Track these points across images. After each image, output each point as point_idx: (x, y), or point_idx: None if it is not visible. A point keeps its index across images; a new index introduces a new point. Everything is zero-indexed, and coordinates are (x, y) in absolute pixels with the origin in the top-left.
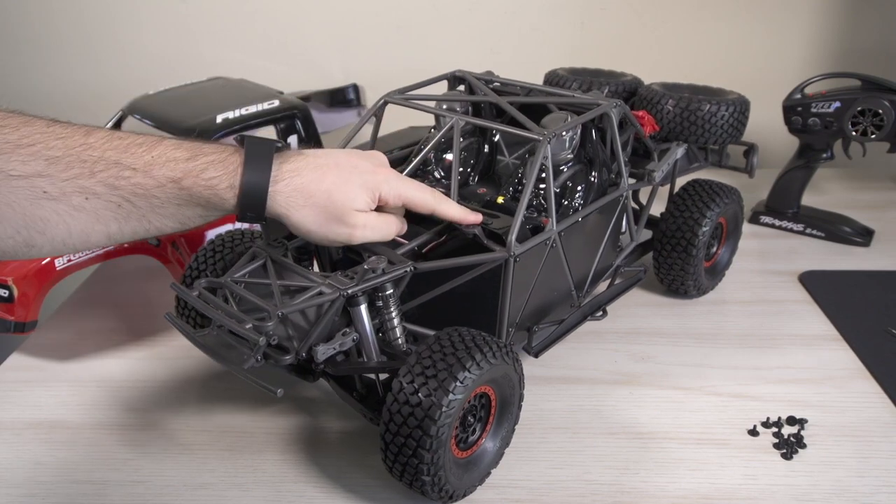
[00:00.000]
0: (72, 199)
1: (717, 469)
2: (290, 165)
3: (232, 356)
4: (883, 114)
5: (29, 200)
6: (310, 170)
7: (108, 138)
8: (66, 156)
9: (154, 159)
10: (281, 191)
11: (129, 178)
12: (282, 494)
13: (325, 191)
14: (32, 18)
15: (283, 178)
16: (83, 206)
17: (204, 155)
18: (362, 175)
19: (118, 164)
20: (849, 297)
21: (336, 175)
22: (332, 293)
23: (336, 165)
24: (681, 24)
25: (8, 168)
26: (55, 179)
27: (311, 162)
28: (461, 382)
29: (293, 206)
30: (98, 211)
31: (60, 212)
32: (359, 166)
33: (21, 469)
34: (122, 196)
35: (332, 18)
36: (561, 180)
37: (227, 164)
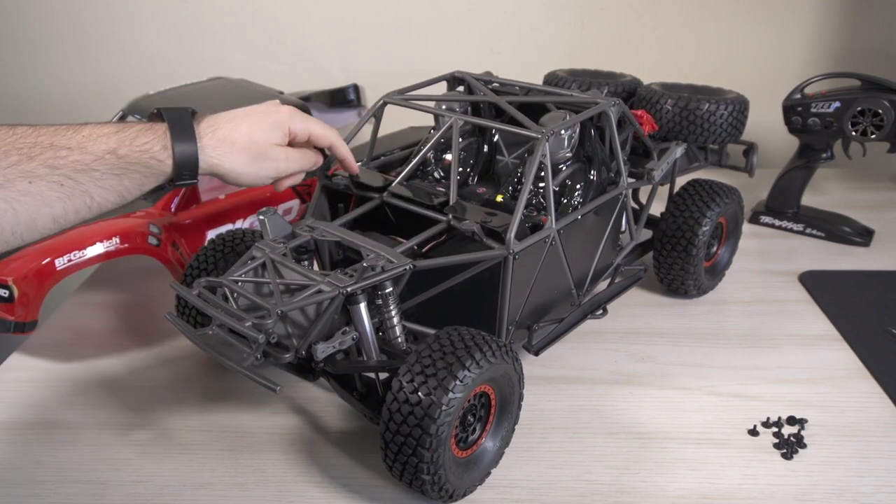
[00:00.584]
0: (16, 184)
1: (717, 469)
2: (207, 122)
3: (232, 354)
4: (883, 114)
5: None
6: (225, 122)
7: (34, 129)
8: (1, 146)
9: (85, 137)
10: (207, 144)
11: (66, 156)
12: (282, 494)
13: (245, 134)
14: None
15: (205, 133)
16: (29, 191)
17: (130, 127)
18: (270, 115)
19: (52, 146)
20: (849, 297)
21: (249, 120)
22: (332, 291)
23: (245, 114)
24: (681, 24)
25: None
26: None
27: (223, 116)
28: (461, 381)
29: (222, 155)
30: (43, 193)
31: (7, 198)
32: (266, 110)
33: (21, 469)
34: (63, 174)
35: (332, 18)
36: (560, 179)
37: (155, 130)
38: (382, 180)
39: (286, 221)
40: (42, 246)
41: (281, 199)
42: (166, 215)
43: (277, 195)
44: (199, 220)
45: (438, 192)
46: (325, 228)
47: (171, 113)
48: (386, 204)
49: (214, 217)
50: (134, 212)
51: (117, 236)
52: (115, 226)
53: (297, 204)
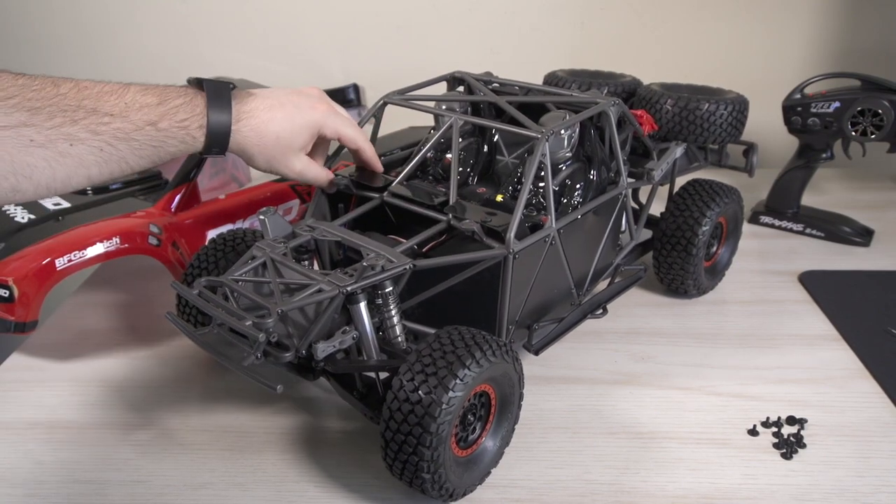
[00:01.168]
0: (58, 145)
1: (717, 469)
2: (246, 107)
3: (232, 354)
4: (882, 114)
5: (17, 149)
6: (262, 111)
7: (77, 88)
8: (45, 106)
9: (128, 105)
10: (240, 130)
11: (108, 123)
12: (282, 494)
13: (275, 132)
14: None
15: (241, 118)
16: (69, 152)
17: (172, 99)
18: (306, 115)
19: (96, 111)
20: (849, 297)
21: (283, 116)
22: (332, 290)
23: (281, 105)
24: (681, 24)
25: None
26: (41, 128)
27: (262, 103)
28: (461, 380)
29: (248, 144)
30: (82, 156)
31: (48, 158)
32: (300, 105)
33: (22, 469)
34: (104, 140)
35: (332, 18)
36: (560, 178)
37: (195, 107)
38: (382, 180)
39: (286, 221)
40: (42, 246)
41: (281, 199)
42: (166, 215)
43: (277, 195)
44: (199, 220)
45: (438, 192)
46: (325, 228)
47: (212, 87)
48: (386, 204)
49: (214, 217)
50: (134, 212)
51: (117, 236)
52: (115, 226)
53: (297, 204)
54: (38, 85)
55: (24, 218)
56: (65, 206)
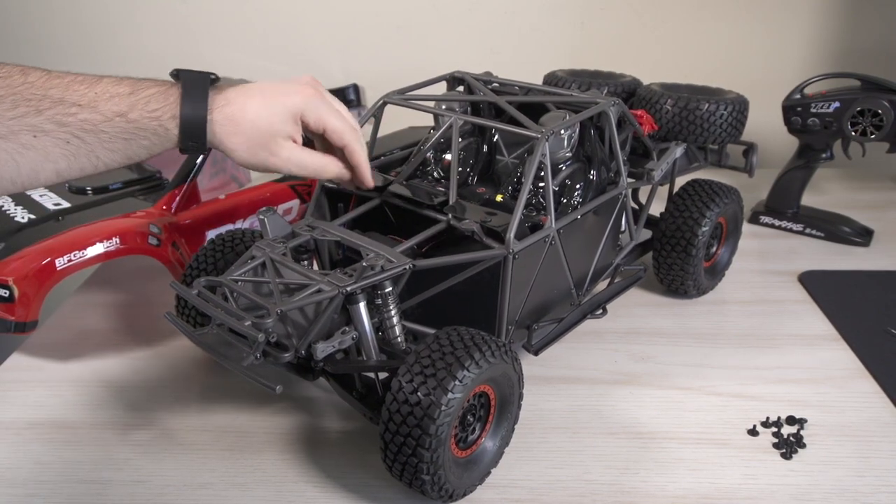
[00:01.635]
0: (20, 136)
1: (717, 469)
2: (222, 95)
3: (231, 354)
4: (882, 114)
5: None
6: (237, 98)
7: (47, 77)
8: (8, 94)
9: (98, 95)
10: (215, 119)
11: (75, 114)
12: (282, 494)
13: (251, 119)
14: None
15: (216, 107)
16: (32, 144)
17: (145, 88)
18: (286, 99)
19: (63, 101)
20: (849, 297)
21: (260, 102)
22: (331, 291)
23: (261, 91)
24: (681, 24)
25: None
26: (1, 118)
27: (240, 91)
28: (460, 381)
29: (225, 134)
30: (47, 148)
31: (9, 150)
32: (285, 91)
33: (22, 469)
34: (70, 132)
35: (332, 18)
36: (559, 178)
37: (168, 96)
38: (382, 180)
39: (286, 221)
40: (42, 246)
41: (281, 198)
42: (166, 215)
43: (277, 195)
44: (199, 220)
45: (438, 192)
46: (324, 228)
47: (189, 78)
48: (385, 203)
49: (214, 217)
50: (134, 212)
51: (117, 236)
52: (115, 226)
53: (296, 204)
54: (4, 72)
55: (24, 218)
56: (65, 206)
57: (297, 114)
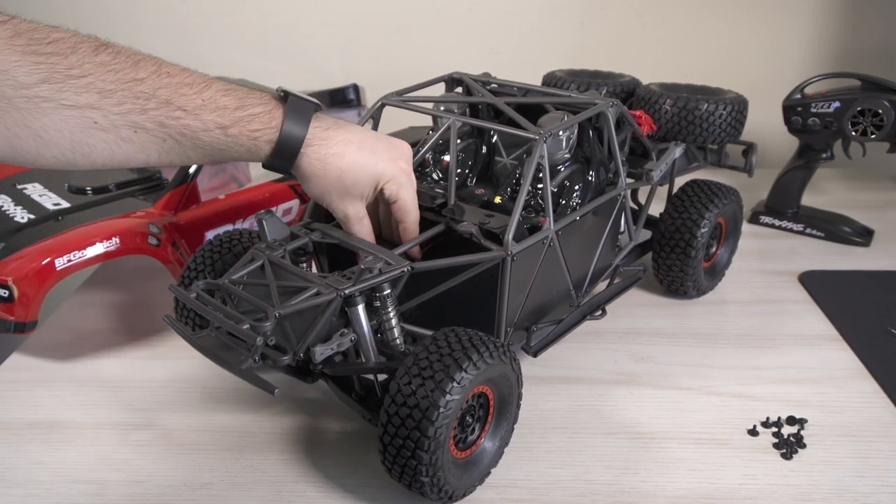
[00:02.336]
0: (121, 131)
1: (717, 469)
2: (323, 133)
3: (229, 357)
4: (883, 114)
5: (79, 128)
6: (336, 143)
7: (157, 73)
8: (118, 90)
9: (204, 103)
10: (307, 154)
11: (178, 118)
12: (282, 494)
13: (339, 169)
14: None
15: (313, 143)
16: (131, 139)
17: (251, 106)
18: (379, 164)
19: (169, 103)
20: (849, 297)
21: (355, 157)
22: (330, 293)
23: (360, 146)
24: (681, 24)
25: (60, 97)
26: (107, 112)
27: (340, 135)
28: (458, 383)
29: (311, 172)
30: (144, 144)
31: (108, 141)
32: (381, 153)
33: (21, 469)
34: (168, 134)
35: (332, 18)
36: (558, 180)
37: (271, 119)
38: None
39: (284, 223)
40: (42, 246)
41: (280, 199)
42: (166, 215)
43: (277, 196)
44: (199, 220)
45: (436, 194)
46: (323, 230)
47: (296, 105)
48: None
49: (214, 217)
50: (134, 212)
51: (117, 236)
52: (115, 226)
53: (296, 204)
54: (117, 64)
55: (24, 218)
56: (65, 206)
57: (381, 182)
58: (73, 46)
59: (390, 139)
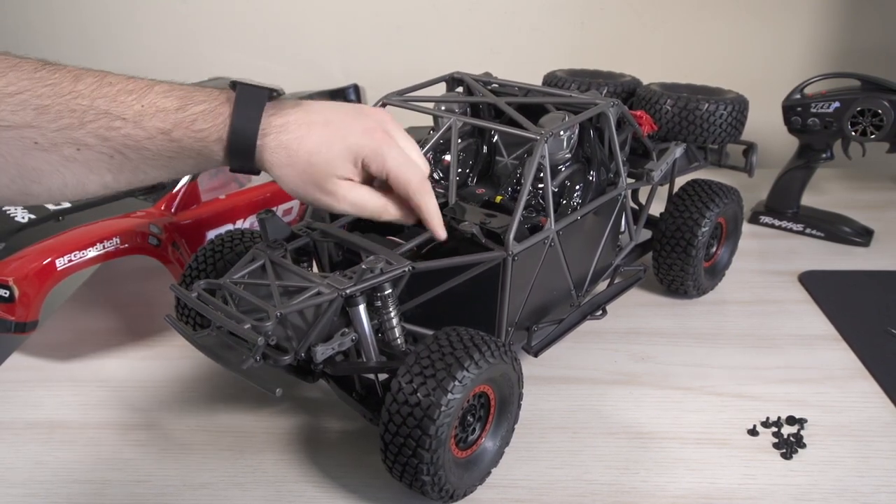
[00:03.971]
0: (63, 150)
1: (717, 469)
2: (279, 119)
3: (230, 357)
4: (882, 114)
5: (20, 151)
6: (297, 125)
7: (98, 84)
8: (54, 104)
9: (144, 109)
10: (267, 145)
11: (119, 128)
12: (282, 494)
13: (306, 152)
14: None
15: (270, 132)
16: (75, 157)
17: (194, 104)
18: (349, 137)
19: (108, 113)
20: (849, 297)
21: (320, 135)
22: (331, 293)
23: (325, 124)
24: (681, 24)
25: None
26: (45, 130)
27: (301, 117)
28: (459, 382)
29: (276, 163)
30: (90, 162)
31: (53, 162)
32: (351, 126)
33: (21, 469)
34: (113, 147)
35: (332, 18)
36: (559, 180)
37: (217, 116)
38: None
39: (285, 223)
40: (42, 246)
41: (281, 199)
42: (166, 215)
43: (278, 195)
44: (199, 220)
45: (437, 194)
46: (324, 230)
47: (244, 95)
48: None
49: (214, 217)
50: (134, 212)
51: (117, 236)
52: (115, 226)
53: (296, 204)
54: (55, 79)
55: (24, 218)
56: (65, 206)
57: (359, 157)
58: (14, 65)
59: (361, 107)
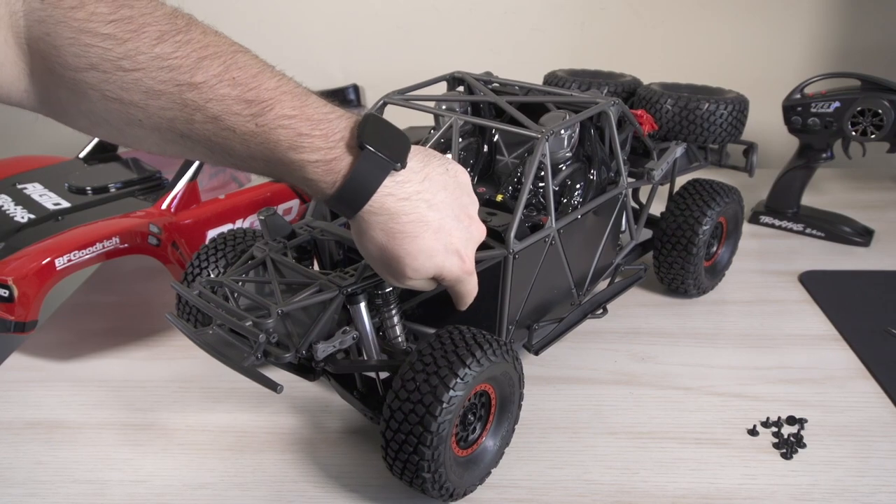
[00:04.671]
0: (166, 134)
1: (717, 469)
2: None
3: (232, 354)
4: (883, 114)
5: (125, 122)
6: (409, 218)
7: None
8: (166, 92)
9: (258, 128)
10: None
11: (226, 138)
12: (282, 494)
13: (404, 252)
14: None
15: (380, 211)
16: (176, 141)
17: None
18: (447, 260)
19: (217, 120)
20: (849, 297)
21: (424, 246)
22: (332, 291)
23: (436, 231)
24: (681, 24)
25: (104, 88)
26: (151, 114)
27: (417, 208)
28: (461, 379)
29: (368, 235)
30: (192, 148)
31: (154, 138)
32: (452, 236)
33: (21, 469)
34: (215, 146)
35: (332, 18)
36: (560, 178)
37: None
38: None
39: (286, 221)
40: (42, 246)
41: (281, 198)
42: (166, 215)
43: (278, 195)
44: (199, 220)
45: None
46: (325, 228)
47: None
48: None
49: (214, 217)
50: (134, 212)
51: (117, 236)
52: (115, 226)
53: (297, 203)
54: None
55: (24, 218)
56: (65, 206)
57: (441, 277)
58: (138, 29)
59: (462, 200)
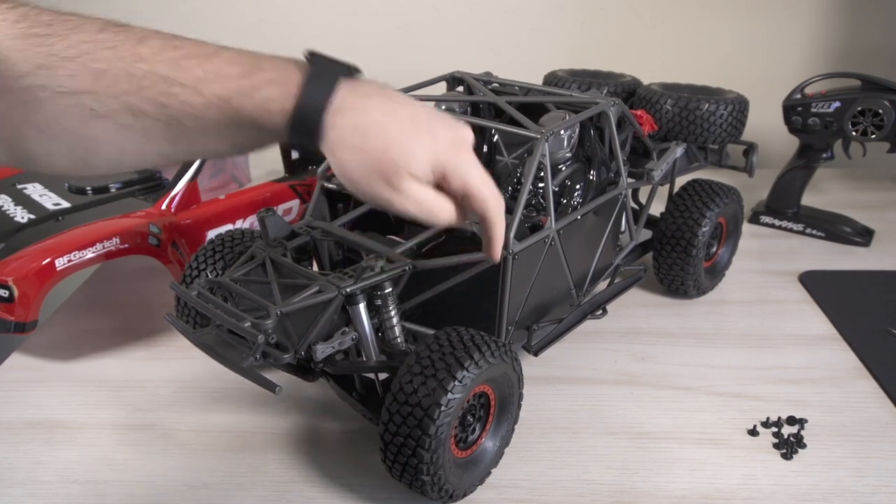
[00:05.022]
0: (119, 117)
1: (717, 469)
2: (358, 100)
3: (231, 355)
4: (883, 114)
5: (77, 119)
6: (379, 111)
7: (162, 48)
8: (112, 68)
9: (205, 74)
10: (337, 124)
11: (177, 94)
12: (282, 494)
13: (385, 140)
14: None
15: (345, 107)
16: (132, 125)
17: (260, 72)
18: (438, 143)
19: (167, 79)
20: (849, 297)
21: (405, 129)
22: (331, 292)
23: (411, 118)
24: (681, 24)
25: (55, 84)
26: (101, 96)
27: (384, 103)
28: (460, 381)
29: (344, 145)
30: (148, 130)
31: (109, 131)
32: (438, 132)
33: (21, 469)
34: (170, 115)
35: (332, 19)
36: (559, 179)
37: (284, 84)
38: None
39: (286, 222)
40: (42, 246)
41: (281, 198)
42: (166, 215)
43: (278, 195)
44: (199, 220)
45: None
46: (324, 228)
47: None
48: None
49: (214, 217)
50: (134, 212)
51: (117, 236)
52: (115, 226)
53: (296, 204)
54: (118, 40)
55: (24, 218)
56: (65, 206)
57: (441, 165)
58: (76, 27)
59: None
